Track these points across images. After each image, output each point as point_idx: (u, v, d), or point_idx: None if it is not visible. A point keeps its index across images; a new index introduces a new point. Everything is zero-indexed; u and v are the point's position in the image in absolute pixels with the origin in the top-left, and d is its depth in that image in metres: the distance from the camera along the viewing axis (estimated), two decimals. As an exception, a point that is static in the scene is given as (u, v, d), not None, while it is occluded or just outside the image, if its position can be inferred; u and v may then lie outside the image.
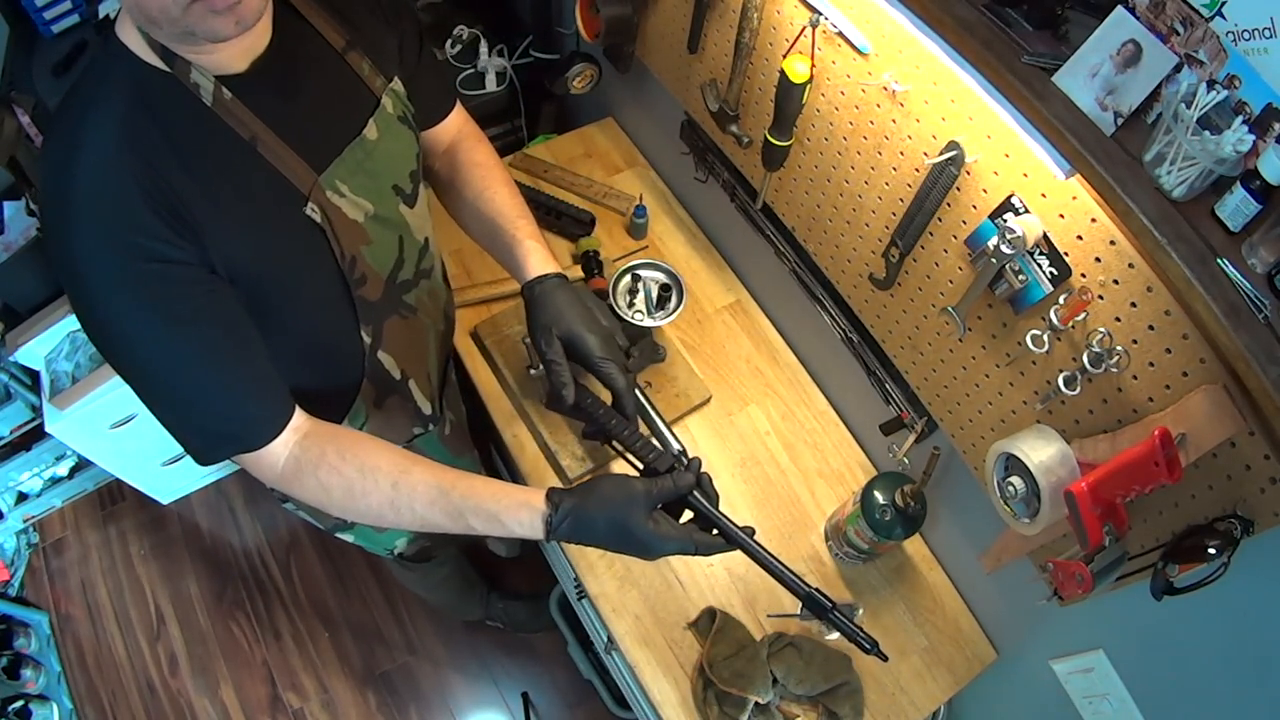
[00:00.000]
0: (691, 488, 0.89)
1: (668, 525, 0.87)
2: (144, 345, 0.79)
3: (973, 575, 1.34)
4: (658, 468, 0.92)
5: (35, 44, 1.61)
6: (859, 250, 1.16)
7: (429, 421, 1.25)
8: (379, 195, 0.95)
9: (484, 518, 0.87)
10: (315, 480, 0.87)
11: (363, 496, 0.87)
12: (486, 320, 1.50)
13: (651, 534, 0.85)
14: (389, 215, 0.98)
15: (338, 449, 0.88)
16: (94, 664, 2.11)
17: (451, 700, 2.12)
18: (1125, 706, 1.05)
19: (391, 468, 0.88)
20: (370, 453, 0.88)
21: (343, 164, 0.89)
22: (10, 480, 2.15)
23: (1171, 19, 0.67)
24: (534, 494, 0.88)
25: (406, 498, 0.87)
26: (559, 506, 0.86)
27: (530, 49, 1.86)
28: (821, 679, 1.24)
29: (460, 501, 0.87)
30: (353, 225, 0.92)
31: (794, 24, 1.07)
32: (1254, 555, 0.74)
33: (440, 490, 0.87)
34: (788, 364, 1.55)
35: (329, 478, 0.87)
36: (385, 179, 0.96)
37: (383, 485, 0.87)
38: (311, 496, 0.89)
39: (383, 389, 1.11)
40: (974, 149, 0.90)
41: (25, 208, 1.83)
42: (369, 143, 0.92)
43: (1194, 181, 0.69)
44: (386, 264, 1.00)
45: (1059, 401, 0.92)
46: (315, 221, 0.87)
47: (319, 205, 0.87)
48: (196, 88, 0.77)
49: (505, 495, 0.87)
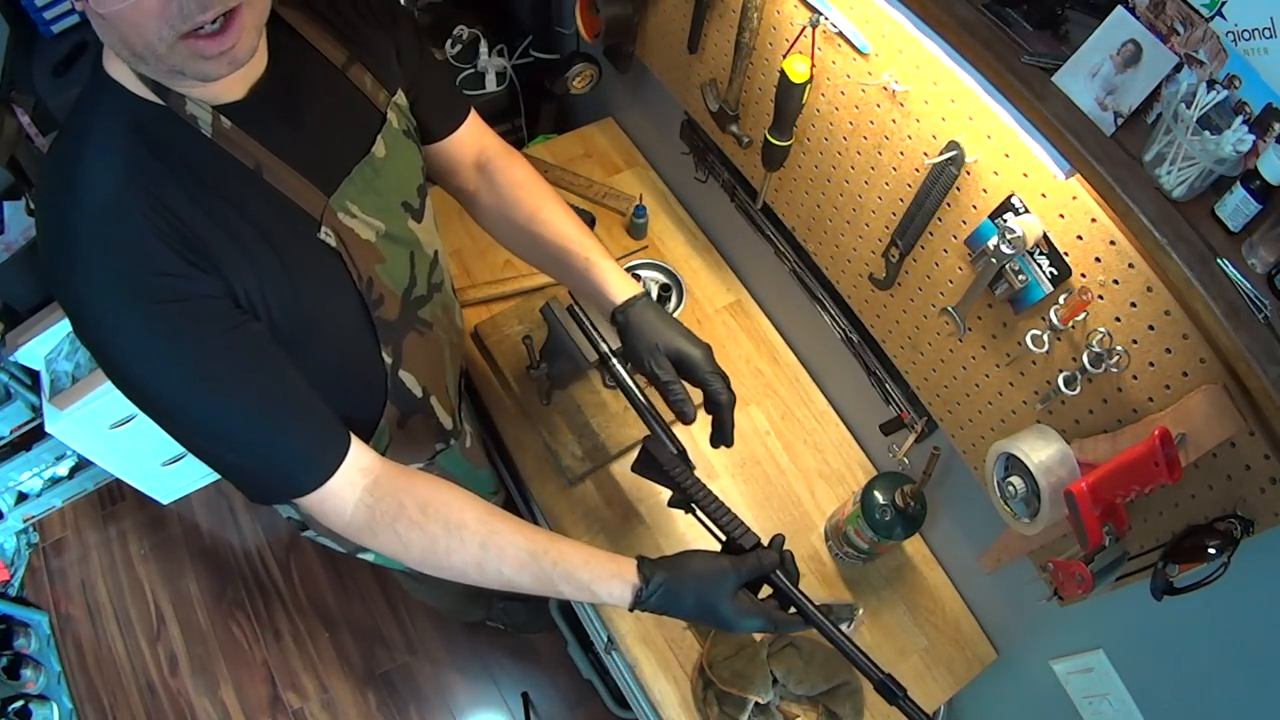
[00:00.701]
0: (775, 567, 0.90)
1: (750, 603, 0.88)
2: (175, 391, 0.76)
3: (973, 575, 1.34)
4: (743, 544, 0.93)
5: (35, 44, 1.61)
6: (859, 250, 1.16)
7: (450, 436, 1.24)
8: (389, 213, 0.93)
9: (574, 586, 0.86)
10: (393, 533, 0.84)
11: (446, 555, 0.85)
12: (486, 320, 1.50)
13: (735, 612, 0.86)
14: (400, 233, 0.96)
15: (418, 501, 0.85)
16: (94, 664, 2.11)
17: (451, 700, 2.12)
18: (1125, 706, 1.05)
19: (479, 526, 0.85)
20: (454, 507, 0.86)
21: (352, 184, 0.87)
22: (10, 480, 2.15)
23: (1171, 19, 0.67)
24: (625, 565, 0.88)
25: (495, 560, 0.85)
26: (650, 580, 0.86)
27: (530, 49, 1.86)
28: (822, 679, 1.24)
29: (551, 568, 0.86)
30: (366, 245, 0.90)
31: (794, 24, 1.07)
32: (1254, 555, 0.74)
33: (531, 555, 0.86)
34: (788, 364, 1.55)
35: (409, 533, 0.84)
36: (394, 196, 0.95)
37: (470, 545, 0.85)
38: (387, 549, 0.86)
39: (405, 409, 1.09)
40: (974, 149, 0.90)
41: (25, 208, 1.83)
42: (378, 161, 0.90)
43: (1194, 181, 0.69)
44: (401, 281, 0.98)
45: (1059, 401, 0.92)
46: (330, 246, 0.85)
47: (332, 229, 0.85)
48: (194, 120, 0.74)
49: (596, 564, 0.87)
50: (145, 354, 0.74)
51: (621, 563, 0.88)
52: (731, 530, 0.95)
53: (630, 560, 0.89)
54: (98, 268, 0.71)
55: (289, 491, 0.82)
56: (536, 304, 1.35)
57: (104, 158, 0.71)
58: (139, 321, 0.72)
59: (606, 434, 1.40)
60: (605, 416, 1.41)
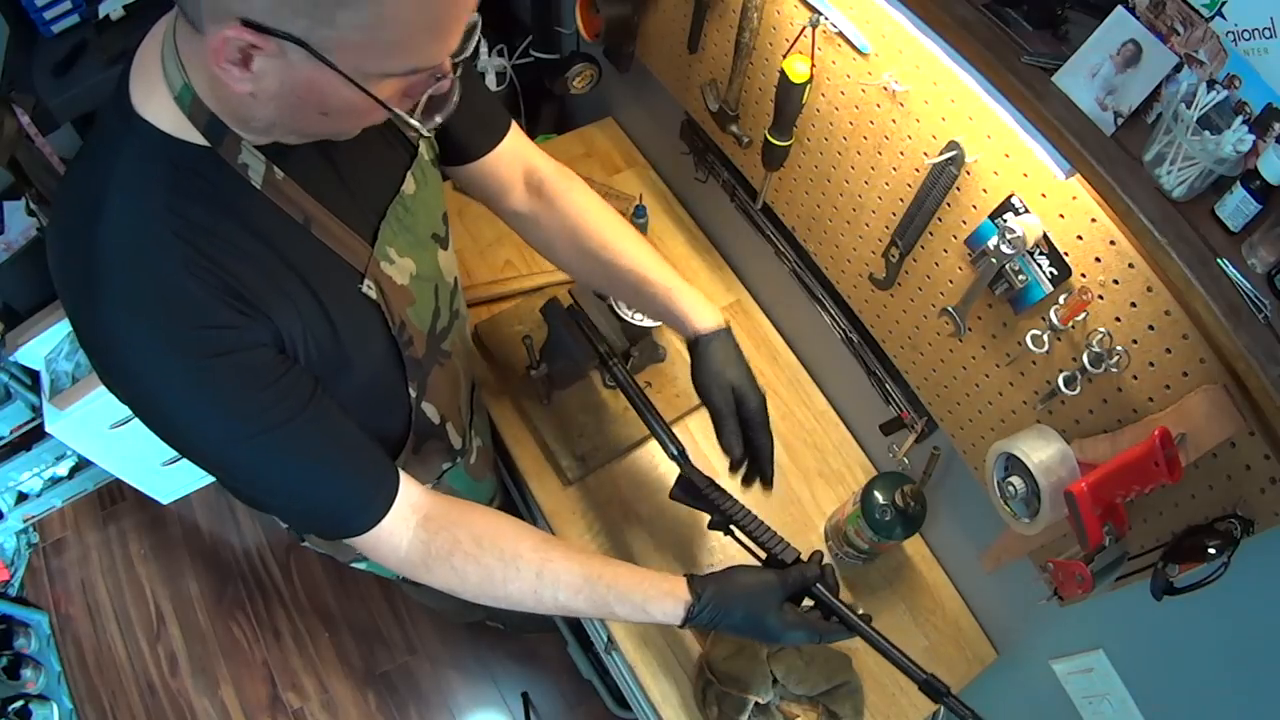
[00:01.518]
0: (817, 580, 0.93)
1: (795, 615, 0.91)
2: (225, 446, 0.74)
3: (973, 575, 1.34)
4: (784, 560, 0.97)
5: (35, 44, 1.61)
6: (859, 250, 1.16)
7: (457, 455, 1.23)
8: (421, 250, 0.92)
9: (629, 607, 0.89)
10: (449, 568, 0.85)
11: (504, 585, 0.86)
12: (487, 320, 1.50)
13: (782, 624, 0.90)
14: (428, 270, 0.94)
15: (472, 535, 0.86)
16: (94, 664, 2.11)
17: (451, 700, 2.12)
18: (1125, 706, 1.05)
19: (534, 555, 0.87)
20: (508, 537, 0.87)
21: (389, 227, 0.85)
22: (10, 480, 2.15)
23: (1171, 19, 0.67)
24: (677, 583, 0.90)
25: (551, 587, 0.87)
26: (700, 596, 0.89)
27: (530, 49, 1.86)
28: (822, 679, 1.24)
29: (606, 591, 0.88)
30: (401, 290, 0.89)
31: (794, 24, 1.07)
32: (1254, 555, 0.74)
33: (586, 580, 0.88)
34: (788, 364, 1.55)
35: (465, 566, 0.85)
36: (425, 231, 0.93)
37: (526, 575, 0.86)
38: (443, 584, 0.86)
39: (422, 436, 1.08)
40: (974, 149, 0.90)
41: (25, 208, 1.83)
42: (408, 198, 0.88)
43: (1194, 181, 0.69)
44: (427, 319, 0.97)
45: (1059, 401, 0.92)
46: (370, 298, 0.83)
47: (374, 280, 0.83)
48: (245, 168, 0.70)
49: (649, 584, 0.90)
50: (193, 410, 0.71)
51: (673, 581, 0.91)
52: (773, 547, 0.99)
53: (680, 578, 0.91)
54: (140, 321, 0.67)
55: (341, 534, 0.82)
56: (537, 304, 1.35)
57: (137, 203, 0.67)
58: (187, 377, 0.69)
59: (606, 434, 1.40)
60: (605, 417, 1.41)
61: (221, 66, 0.59)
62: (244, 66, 0.59)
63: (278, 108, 0.65)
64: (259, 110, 0.66)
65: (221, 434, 0.73)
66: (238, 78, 0.60)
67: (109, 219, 0.66)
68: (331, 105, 0.64)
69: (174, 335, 0.68)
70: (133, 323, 0.67)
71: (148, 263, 0.67)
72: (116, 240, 0.66)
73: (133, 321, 0.67)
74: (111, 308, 0.66)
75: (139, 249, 0.66)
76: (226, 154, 0.69)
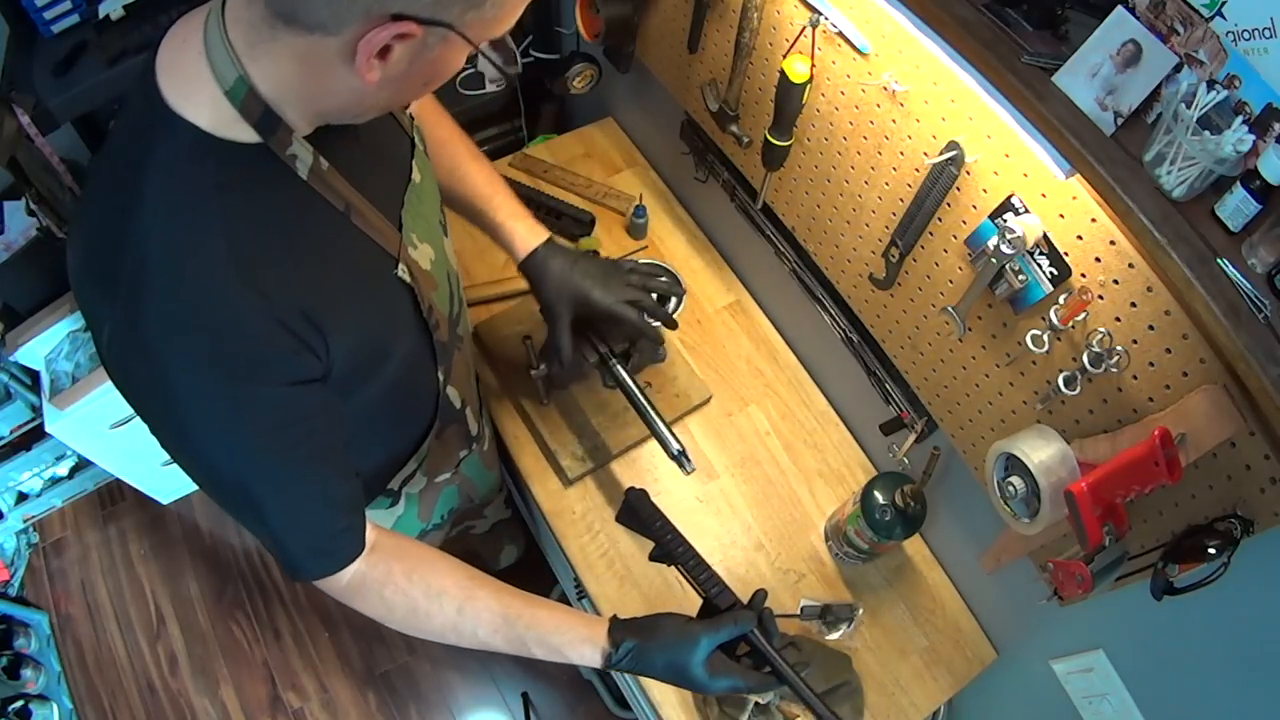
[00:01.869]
0: (751, 627, 0.90)
1: (722, 666, 0.88)
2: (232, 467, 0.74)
3: (973, 575, 1.34)
4: (719, 604, 0.94)
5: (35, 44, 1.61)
6: (859, 250, 1.16)
7: (474, 442, 1.26)
8: (433, 236, 0.94)
9: (546, 649, 0.89)
10: (379, 598, 0.87)
11: (426, 619, 0.88)
12: (487, 320, 1.50)
13: (708, 676, 0.87)
14: (441, 256, 0.96)
15: (405, 568, 0.87)
16: (94, 664, 2.11)
17: (451, 700, 2.12)
18: (1125, 706, 1.05)
19: (458, 592, 0.88)
20: (437, 573, 0.88)
21: (408, 213, 0.87)
22: (10, 480, 2.15)
23: (1171, 19, 0.67)
24: (596, 628, 0.89)
25: (470, 623, 0.88)
26: (619, 645, 0.88)
27: (530, 49, 1.86)
28: (821, 679, 1.24)
29: (524, 632, 0.88)
30: (426, 275, 0.91)
31: (794, 24, 1.07)
32: (1254, 555, 0.74)
33: (505, 620, 0.88)
34: (788, 364, 1.55)
35: (394, 597, 0.87)
36: (433, 218, 0.95)
37: (447, 610, 0.87)
38: (373, 612, 0.88)
39: (446, 421, 1.11)
40: (974, 149, 0.90)
41: (25, 208, 1.83)
42: (416, 185, 0.90)
43: (1194, 181, 0.69)
44: (447, 304, 1.00)
45: (1059, 401, 0.92)
46: (405, 282, 0.85)
47: (406, 264, 0.85)
48: (293, 159, 0.70)
49: (569, 628, 0.89)
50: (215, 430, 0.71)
51: (594, 626, 0.90)
52: (709, 589, 0.96)
53: (603, 623, 0.90)
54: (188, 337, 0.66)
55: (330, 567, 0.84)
56: (536, 305, 1.35)
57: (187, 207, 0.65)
58: (224, 402, 0.69)
59: (606, 435, 1.40)
60: (605, 417, 1.41)
61: (367, 65, 0.61)
62: (383, 57, 0.61)
63: (394, 89, 0.67)
64: (369, 97, 0.67)
65: (233, 455, 0.73)
66: (369, 67, 0.62)
67: (157, 224, 0.65)
68: (445, 76, 0.69)
69: (222, 355, 0.67)
70: (181, 337, 0.66)
71: (202, 276, 0.65)
72: (167, 246, 0.65)
73: (181, 335, 0.66)
74: (159, 318, 0.65)
75: (193, 258, 0.65)
76: (278, 146, 0.69)
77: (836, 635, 1.29)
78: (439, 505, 1.31)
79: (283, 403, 0.72)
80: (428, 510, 1.27)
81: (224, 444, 0.72)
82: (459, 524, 1.45)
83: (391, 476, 1.09)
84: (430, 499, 1.26)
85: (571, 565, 1.34)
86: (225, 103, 0.65)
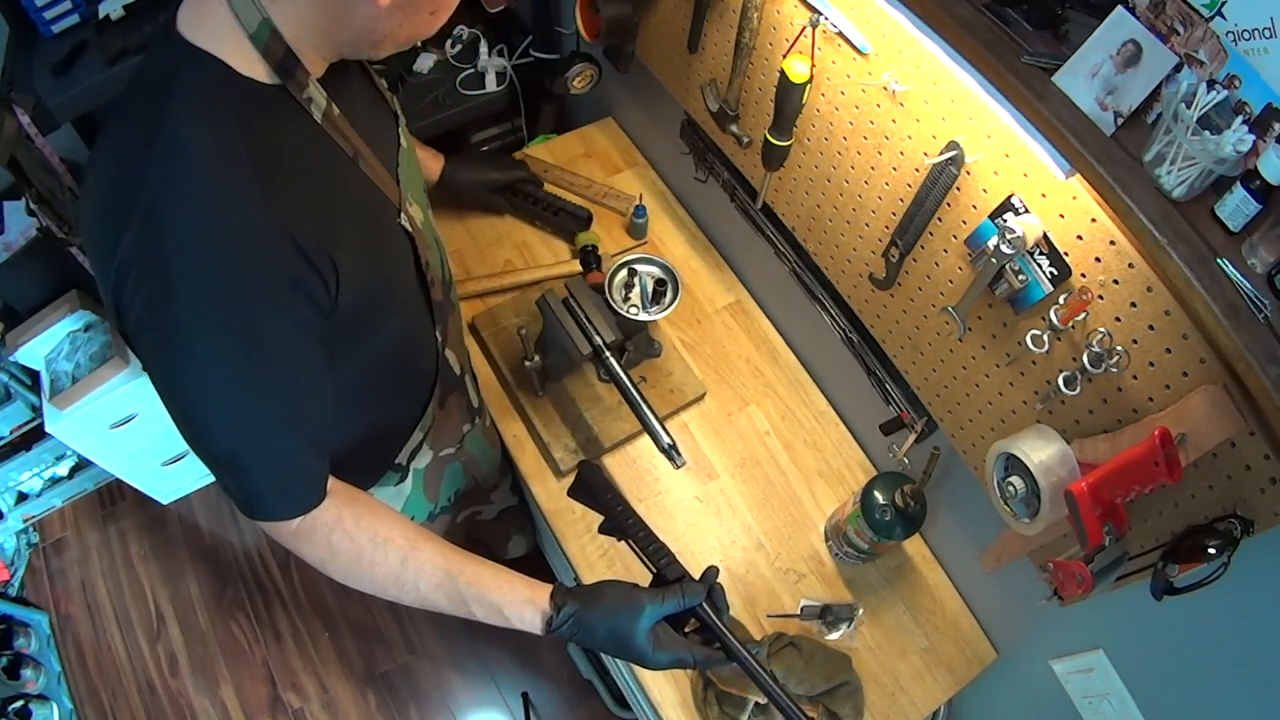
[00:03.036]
0: (700, 600, 0.88)
1: (668, 639, 0.87)
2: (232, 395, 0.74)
3: (973, 575, 1.34)
4: (667, 575, 0.92)
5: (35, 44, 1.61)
6: (859, 250, 1.16)
7: (475, 415, 1.28)
8: (421, 200, 0.99)
9: (487, 608, 0.87)
10: (326, 542, 0.85)
11: (369, 567, 0.86)
12: (483, 313, 1.51)
13: (649, 648, 0.85)
14: (429, 219, 1.01)
15: (354, 514, 0.86)
16: (94, 664, 2.11)
17: (451, 700, 2.12)
18: (1125, 706, 1.05)
19: (404, 542, 0.87)
20: (385, 523, 0.87)
21: (403, 173, 0.92)
22: (10, 480, 2.15)
23: (1171, 19, 0.67)
24: (539, 591, 0.88)
25: (413, 575, 0.86)
26: (561, 610, 0.86)
27: (530, 49, 1.86)
28: (822, 679, 1.24)
29: (465, 589, 0.87)
30: (420, 232, 0.94)
31: (794, 24, 1.07)
32: (1254, 555, 0.74)
33: (448, 575, 0.87)
34: (788, 364, 1.55)
35: (340, 542, 0.85)
36: (419, 185, 1.00)
37: (392, 559, 0.86)
38: (317, 557, 0.87)
39: (446, 387, 1.14)
40: (974, 149, 0.90)
41: (25, 208, 1.83)
42: (406, 152, 0.95)
43: (1194, 181, 0.69)
44: (438, 264, 1.03)
45: (1059, 401, 0.92)
46: (407, 231, 0.89)
47: (407, 215, 0.90)
48: (309, 102, 0.75)
49: (510, 589, 0.87)
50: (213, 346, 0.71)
51: (537, 589, 0.88)
52: (657, 560, 0.94)
53: (547, 587, 0.88)
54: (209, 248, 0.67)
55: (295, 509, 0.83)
56: (533, 297, 1.36)
57: (215, 128, 0.67)
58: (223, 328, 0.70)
59: (599, 428, 1.40)
60: (599, 410, 1.42)
61: None
62: None
63: (403, 15, 0.72)
64: (383, 23, 0.72)
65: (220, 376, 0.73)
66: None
67: (183, 132, 0.66)
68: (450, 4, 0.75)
69: (234, 267, 0.68)
70: (199, 241, 0.67)
71: (227, 181, 0.67)
72: (194, 152, 0.66)
73: (200, 239, 0.67)
74: (178, 221, 0.66)
75: (217, 163, 0.67)
76: (295, 89, 0.73)
77: (836, 635, 1.29)
78: (445, 485, 1.31)
79: (286, 322, 0.73)
80: (434, 489, 1.27)
81: (214, 364, 0.72)
82: (465, 508, 1.45)
83: (399, 448, 1.11)
84: (436, 476, 1.26)
85: (572, 565, 1.35)
86: (249, 46, 0.68)
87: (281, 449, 0.79)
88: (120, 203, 0.67)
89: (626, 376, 1.18)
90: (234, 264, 0.68)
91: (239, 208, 0.67)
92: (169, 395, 0.75)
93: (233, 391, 0.74)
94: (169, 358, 0.72)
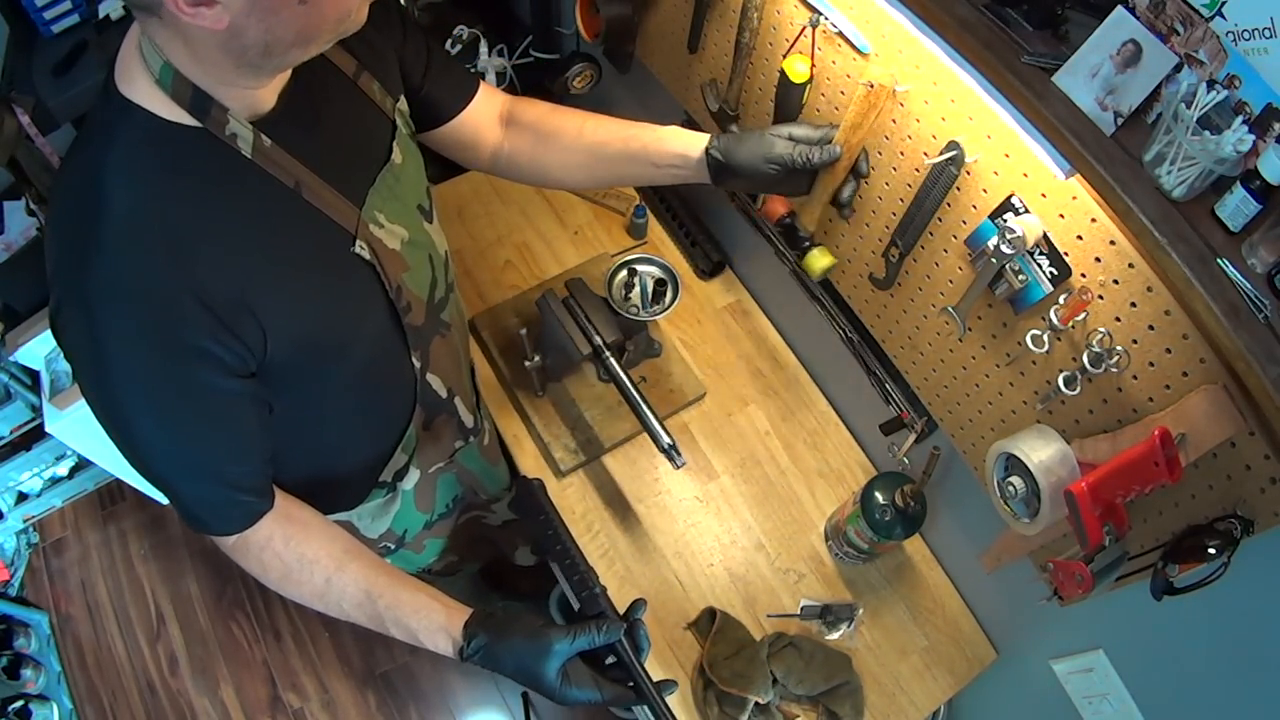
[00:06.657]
0: (616, 638, 0.87)
1: (578, 676, 0.86)
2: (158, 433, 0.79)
3: (973, 575, 1.34)
4: (586, 610, 0.91)
5: (35, 44, 1.61)
6: (859, 250, 1.16)
7: (470, 434, 1.26)
8: (409, 218, 0.95)
9: (403, 631, 0.89)
10: (258, 560, 0.89)
11: (297, 585, 0.90)
12: (484, 312, 1.51)
13: (557, 686, 0.85)
14: (419, 237, 0.97)
15: (284, 534, 0.90)
16: (94, 664, 2.11)
17: (451, 700, 2.12)
18: (1125, 706, 1.05)
19: (329, 563, 0.90)
20: (314, 543, 0.90)
21: (378, 193, 0.88)
22: (10, 480, 2.15)
23: (1171, 19, 0.67)
24: (455, 618, 0.88)
25: (336, 595, 0.90)
26: (470, 642, 0.87)
27: (530, 49, 1.86)
28: (821, 679, 1.24)
29: (384, 611, 0.89)
30: (393, 254, 0.91)
31: (794, 24, 1.07)
32: (1254, 555, 0.74)
33: (369, 596, 0.89)
34: (788, 364, 1.55)
35: (270, 560, 0.89)
36: (411, 201, 0.96)
37: (317, 579, 0.90)
38: (250, 570, 0.91)
39: (432, 411, 1.11)
40: (974, 149, 0.90)
41: (25, 208, 1.83)
42: (397, 167, 0.92)
43: (1194, 181, 0.69)
44: (425, 286, 1.00)
45: (1059, 401, 0.92)
46: (365, 259, 0.87)
47: (366, 241, 0.86)
48: (234, 138, 0.74)
49: (427, 615, 0.89)
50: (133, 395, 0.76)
51: (453, 616, 0.89)
52: (579, 593, 0.92)
53: (463, 615, 0.89)
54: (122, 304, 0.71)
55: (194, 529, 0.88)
56: (533, 297, 1.36)
57: (134, 187, 0.70)
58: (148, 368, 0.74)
59: (599, 428, 1.40)
60: (599, 410, 1.42)
61: (190, 14, 0.62)
62: (209, 4, 0.62)
63: (260, 18, 0.65)
64: (248, 36, 0.66)
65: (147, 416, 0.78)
66: (211, 17, 0.63)
67: (106, 201, 0.69)
68: None
69: (147, 328, 0.72)
70: (115, 303, 0.71)
71: (141, 252, 0.70)
72: (116, 224, 0.69)
73: (115, 302, 0.71)
74: (98, 284, 0.70)
75: (135, 235, 0.70)
76: (214, 126, 0.72)
77: (836, 635, 1.29)
78: (439, 494, 1.30)
79: (197, 382, 0.76)
80: (426, 500, 1.26)
81: (140, 406, 0.77)
82: (467, 511, 1.45)
83: (380, 469, 1.10)
84: (428, 490, 1.25)
85: (571, 565, 1.34)
86: (160, 91, 0.70)
87: (203, 487, 0.84)
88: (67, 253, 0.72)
89: (626, 376, 1.18)
90: (142, 336, 0.72)
91: (146, 280, 0.71)
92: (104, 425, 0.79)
93: (155, 438, 0.79)
94: (99, 395, 0.77)
